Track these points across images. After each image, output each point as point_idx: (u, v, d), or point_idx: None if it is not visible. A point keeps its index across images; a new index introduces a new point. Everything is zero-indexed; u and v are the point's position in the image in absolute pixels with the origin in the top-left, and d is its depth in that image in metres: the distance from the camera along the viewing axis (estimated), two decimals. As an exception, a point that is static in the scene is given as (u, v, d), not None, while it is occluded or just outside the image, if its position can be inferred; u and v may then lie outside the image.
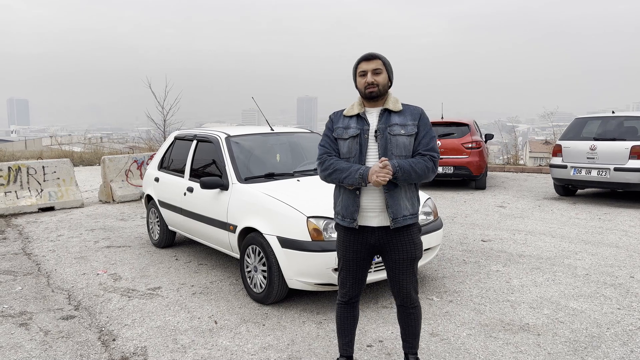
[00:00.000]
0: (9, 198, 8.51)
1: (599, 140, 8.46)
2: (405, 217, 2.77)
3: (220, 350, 3.45)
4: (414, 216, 2.82)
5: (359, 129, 2.82)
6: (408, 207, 2.79)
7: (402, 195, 2.77)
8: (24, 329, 3.84)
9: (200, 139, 5.51)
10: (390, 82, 2.86)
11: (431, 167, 2.76)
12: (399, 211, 2.76)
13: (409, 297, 2.88)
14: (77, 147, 27.26)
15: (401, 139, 2.76)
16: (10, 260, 5.72)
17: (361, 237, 2.84)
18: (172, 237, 6.12)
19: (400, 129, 2.77)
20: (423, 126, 2.81)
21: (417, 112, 2.84)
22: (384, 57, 2.83)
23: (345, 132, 2.84)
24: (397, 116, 2.81)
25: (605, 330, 3.66)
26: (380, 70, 2.78)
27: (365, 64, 2.80)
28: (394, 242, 2.80)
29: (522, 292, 4.44)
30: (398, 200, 2.76)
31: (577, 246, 5.91)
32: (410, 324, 2.94)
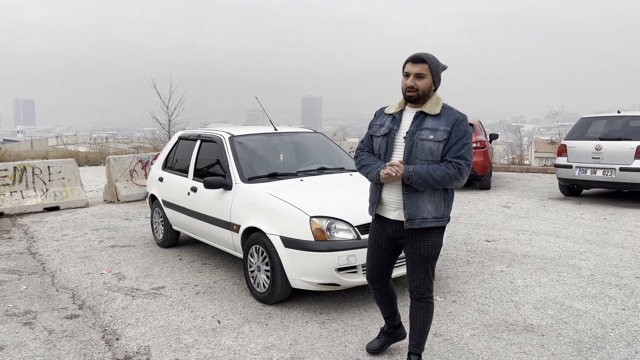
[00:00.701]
0: (15, 198, 8.56)
1: (605, 140, 8.41)
2: (425, 220, 2.81)
3: (223, 349, 3.46)
4: (437, 220, 2.84)
5: (389, 128, 2.93)
6: (430, 210, 2.81)
7: (424, 198, 2.81)
8: (29, 328, 3.85)
9: (204, 139, 5.52)
10: (435, 86, 2.86)
11: (454, 173, 2.73)
12: (417, 213, 2.81)
13: (418, 290, 2.94)
14: (82, 147, 27.38)
15: (428, 143, 2.76)
16: (15, 260, 5.75)
17: (381, 226, 3.01)
18: (176, 236, 6.13)
19: (429, 133, 2.77)
20: (455, 133, 2.77)
21: (452, 118, 2.79)
22: (432, 61, 2.80)
23: (379, 130, 2.99)
24: (432, 120, 2.81)
25: (609, 331, 3.64)
26: (424, 75, 2.78)
27: (410, 66, 2.81)
28: (410, 237, 2.89)
29: (526, 292, 4.43)
30: (417, 202, 2.81)
31: (582, 246, 5.88)
32: (418, 319, 2.97)
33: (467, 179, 2.83)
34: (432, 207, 2.82)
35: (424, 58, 2.78)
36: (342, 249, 3.84)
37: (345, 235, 3.92)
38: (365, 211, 4.07)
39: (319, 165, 5.19)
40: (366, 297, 4.34)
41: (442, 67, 2.89)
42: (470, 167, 2.79)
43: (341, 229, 3.93)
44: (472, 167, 9.99)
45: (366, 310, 4.08)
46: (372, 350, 3.32)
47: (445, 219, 2.88)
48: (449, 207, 2.90)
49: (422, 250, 2.86)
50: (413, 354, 3.02)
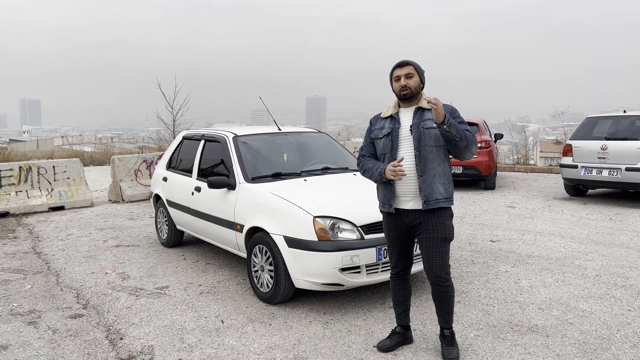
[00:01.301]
0: (20, 197, 8.60)
1: (610, 139, 8.36)
2: (438, 200, 3.12)
3: (226, 349, 3.45)
4: (447, 200, 3.15)
5: (391, 128, 3.24)
6: (441, 191, 3.13)
7: (436, 181, 3.12)
8: (33, 327, 3.87)
9: (208, 138, 5.52)
10: (422, 84, 3.22)
11: (472, 138, 3.10)
12: (432, 195, 3.11)
13: (438, 275, 3.17)
14: (87, 147, 27.49)
15: (433, 131, 3.11)
16: (21, 259, 5.77)
17: (399, 218, 3.25)
18: (180, 236, 6.14)
19: (432, 122, 3.10)
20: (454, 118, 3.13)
21: (447, 108, 3.15)
22: (415, 63, 3.21)
23: (380, 132, 3.29)
24: (430, 113, 3.14)
25: (615, 332, 3.61)
26: (412, 74, 3.17)
27: (398, 70, 3.20)
28: (426, 222, 3.15)
29: (531, 293, 4.40)
30: (431, 184, 3.11)
31: (587, 247, 5.85)
32: (442, 301, 3.24)
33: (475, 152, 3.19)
34: (442, 188, 3.13)
35: (409, 61, 3.22)
36: (346, 249, 3.83)
37: (348, 235, 3.92)
38: (369, 211, 4.06)
39: (322, 165, 5.18)
40: (370, 298, 4.33)
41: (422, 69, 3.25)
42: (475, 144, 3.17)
43: (345, 229, 3.93)
44: (476, 167, 9.99)
45: (370, 310, 4.07)
46: (384, 348, 3.39)
47: (451, 200, 3.19)
48: (453, 188, 3.23)
49: (439, 232, 3.14)
50: (444, 327, 3.31)
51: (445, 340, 3.30)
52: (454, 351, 3.25)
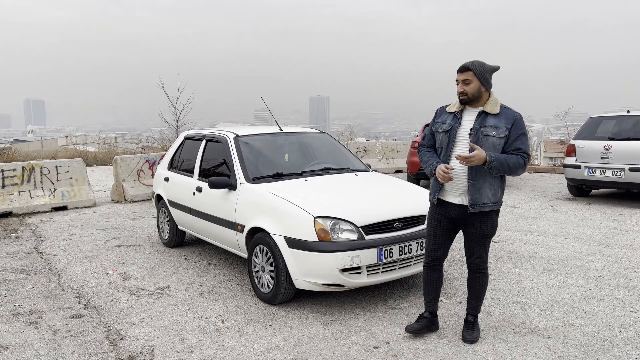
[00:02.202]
0: (23, 197, 8.62)
1: (614, 139, 8.32)
2: (484, 205, 3.28)
3: (226, 350, 3.45)
4: (494, 204, 3.31)
5: (451, 125, 3.35)
6: (490, 196, 3.29)
7: (486, 187, 3.26)
8: (34, 328, 3.87)
9: (209, 139, 5.52)
10: (485, 88, 3.26)
11: (522, 163, 3.21)
12: (479, 199, 3.26)
13: (475, 263, 3.43)
14: (91, 147, 27.56)
15: (491, 139, 3.21)
16: (23, 259, 5.79)
17: (443, 210, 3.43)
18: (182, 236, 6.15)
19: (492, 130, 3.22)
20: (515, 130, 3.23)
21: (511, 116, 3.25)
22: (476, 68, 3.23)
23: (441, 127, 3.40)
24: (493, 118, 3.24)
25: (617, 333, 3.59)
26: (470, 80, 3.23)
27: (458, 75, 3.29)
28: (472, 219, 3.33)
29: (533, 294, 4.38)
30: (480, 190, 3.26)
31: (590, 247, 5.82)
32: (475, 287, 3.48)
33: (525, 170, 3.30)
34: (491, 193, 3.29)
35: (468, 66, 3.24)
36: (347, 249, 3.82)
37: (349, 236, 3.90)
38: (370, 212, 4.06)
39: (324, 165, 5.17)
40: (370, 298, 4.32)
41: (490, 69, 3.27)
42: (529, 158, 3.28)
43: (345, 229, 3.91)
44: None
45: (370, 311, 4.06)
46: (412, 330, 3.56)
47: (500, 203, 3.34)
48: (503, 192, 3.38)
49: (482, 230, 3.33)
50: (471, 314, 3.53)
51: (467, 325, 3.52)
52: (473, 334, 3.47)
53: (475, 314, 3.54)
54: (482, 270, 3.46)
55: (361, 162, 5.53)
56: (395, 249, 3.98)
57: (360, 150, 14.62)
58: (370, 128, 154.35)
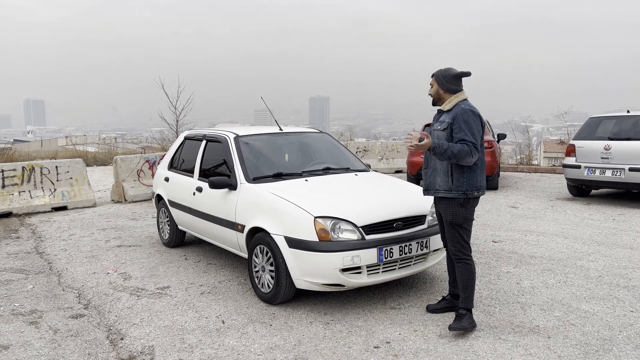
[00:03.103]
0: (23, 197, 8.62)
1: (614, 140, 8.33)
2: (437, 191, 3.63)
3: (227, 350, 3.45)
4: (447, 192, 3.57)
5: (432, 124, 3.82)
6: (440, 184, 3.60)
7: (436, 174, 3.63)
8: (34, 328, 3.87)
9: (209, 139, 5.52)
10: (443, 90, 3.66)
11: (466, 149, 3.42)
12: (431, 185, 3.68)
13: (451, 251, 3.68)
14: (91, 147, 27.56)
15: (437, 132, 3.65)
16: (23, 259, 5.79)
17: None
18: (182, 236, 6.15)
19: (438, 125, 3.67)
20: (456, 124, 3.53)
21: (455, 112, 3.58)
22: (436, 74, 3.70)
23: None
24: (445, 114, 3.66)
25: (617, 333, 3.59)
26: (432, 84, 3.73)
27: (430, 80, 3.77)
28: (438, 206, 3.72)
29: (532, 293, 4.39)
30: (430, 177, 3.68)
31: (590, 247, 5.82)
32: (459, 277, 3.66)
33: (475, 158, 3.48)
34: (442, 181, 3.58)
35: (433, 73, 3.73)
36: (347, 249, 3.82)
37: (349, 236, 3.91)
38: (370, 211, 4.06)
39: (324, 165, 5.17)
40: (371, 298, 4.33)
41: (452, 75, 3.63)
42: (476, 147, 3.47)
43: (345, 229, 3.92)
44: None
45: (371, 311, 4.06)
46: (431, 309, 3.95)
47: (456, 192, 3.54)
48: (460, 182, 3.53)
49: (446, 216, 3.64)
50: (461, 307, 3.64)
51: (458, 316, 3.63)
52: (460, 322, 3.57)
53: (464, 307, 3.63)
54: (461, 260, 3.63)
55: (361, 162, 5.54)
56: (395, 248, 3.98)
57: (360, 151, 14.62)
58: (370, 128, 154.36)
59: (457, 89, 3.66)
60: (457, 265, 3.66)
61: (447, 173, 3.57)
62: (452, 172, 3.56)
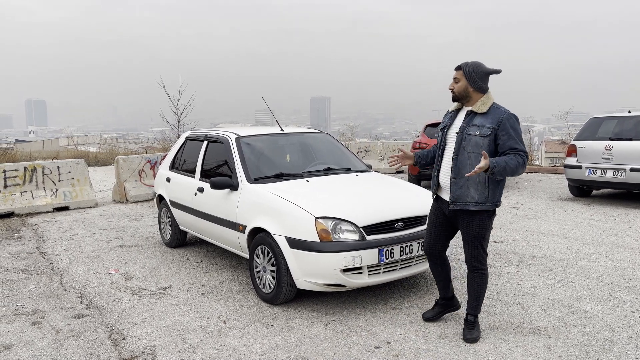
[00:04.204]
0: (25, 198, 8.64)
1: (615, 140, 8.33)
2: (467, 203, 3.30)
3: (228, 350, 3.46)
4: (480, 204, 3.30)
5: (445, 124, 3.51)
6: (474, 196, 3.29)
7: (468, 185, 3.29)
8: (36, 327, 3.89)
9: (210, 139, 5.53)
10: (473, 88, 3.31)
11: (521, 162, 3.19)
12: (461, 197, 3.31)
13: (469, 262, 3.46)
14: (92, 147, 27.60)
15: (474, 138, 3.28)
16: (25, 259, 5.80)
17: (438, 205, 3.58)
18: (184, 237, 6.16)
19: (476, 129, 3.28)
20: (502, 131, 3.23)
21: (498, 116, 3.26)
22: (466, 67, 3.32)
23: (441, 125, 3.55)
24: (480, 118, 3.30)
25: (618, 333, 3.60)
26: (458, 79, 3.35)
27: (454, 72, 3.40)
28: (461, 218, 3.40)
29: (533, 294, 4.39)
30: (462, 187, 3.31)
31: (591, 248, 5.82)
32: (473, 286, 3.49)
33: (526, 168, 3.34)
34: (475, 193, 3.28)
35: (461, 66, 3.35)
36: (348, 250, 3.83)
37: (350, 236, 3.92)
38: (371, 212, 4.07)
39: (325, 165, 5.19)
40: (371, 299, 4.33)
41: (483, 72, 3.30)
42: (528, 156, 3.27)
43: (347, 229, 3.93)
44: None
45: (372, 311, 4.07)
46: (427, 318, 3.80)
47: (490, 204, 3.31)
48: (495, 194, 3.32)
49: (469, 229, 3.37)
50: (470, 314, 3.54)
51: (467, 324, 3.54)
52: (473, 333, 3.49)
53: (474, 314, 3.55)
54: (479, 270, 3.46)
55: (362, 162, 5.55)
56: (396, 249, 3.99)
57: (361, 151, 14.63)
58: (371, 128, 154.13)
59: (486, 87, 3.36)
60: (472, 275, 3.48)
61: (484, 184, 3.28)
62: (489, 183, 3.28)
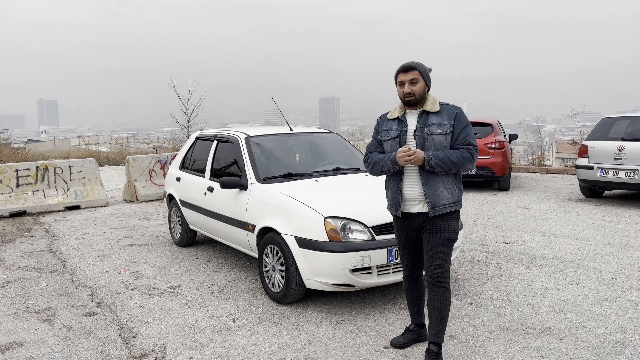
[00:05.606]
0: (37, 197, 8.73)
1: (628, 140, 8.24)
2: (444, 206, 3.06)
3: (237, 349, 3.47)
4: (453, 204, 3.09)
5: (399, 130, 3.17)
6: (447, 196, 3.07)
7: (440, 186, 3.06)
8: (48, 325, 3.93)
9: (220, 139, 5.56)
10: (428, 88, 3.12)
11: (467, 156, 3.01)
12: (438, 200, 3.05)
13: (436, 274, 3.07)
14: (103, 147, 27.81)
15: (437, 137, 3.06)
16: (37, 258, 5.86)
17: (407, 222, 3.21)
18: (193, 236, 6.19)
19: (436, 128, 3.06)
20: (458, 124, 3.07)
21: (453, 111, 3.10)
22: (420, 66, 3.10)
23: (388, 134, 3.21)
24: (435, 116, 3.10)
25: (630, 335, 3.56)
26: (417, 79, 3.07)
27: (402, 75, 3.10)
28: (431, 224, 3.10)
29: (544, 295, 4.36)
30: (436, 191, 3.05)
31: (602, 249, 5.77)
32: (435, 306, 3.08)
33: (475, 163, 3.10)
34: (448, 193, 3.07)
35: (414, 65, 3.09)
36: (357, 249, 3.83)
37: (359, 236, 3.91)
38: (380, 212, 4.05)
39: (334, 165, 5.19)
40: (380, 299, 4.33)
41: (428, 69, 3.14)
42: (478, 151, 3.09)
43: (356, 229, 3.92)
44: (490, 168, 9.91)
45: (381, 311, 4.06)
46: (397, 345, 3.44)
47: (459, 203, 3.13)
48: (461, 192, 3.16)
49: (443, 233, 3.07)
50: (433, 343, 3.11)
51: (430, 356, 3.08)
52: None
53: (438, 342, 3.10)
54: (443, 284, 3.07)
55: (372, 162, 5.53)
56: (405, 249, 3.98)
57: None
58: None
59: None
60: (434, 292, 3.08)
61: (453, 181, 3.12)
62: (456, 181, 3.14)
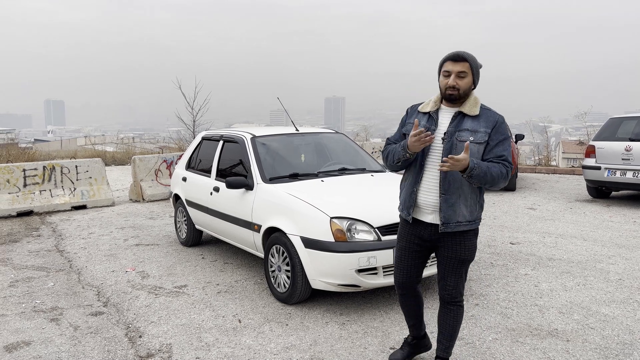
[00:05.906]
0: (44, 196, 8.77)
1: (635, 140, 8.19)
2: (459, 224, 2.75)
3: (243, 349, 3.48)
4: (470, 223, 2.78)
5: (426, 128, 2.78)
6: (465, 214, 2.75)
7: (461, 201, 2.74)
8: (55, 324, 3.94)
9: (226, 139, 5.56)
10: (474, 85, 2.76)
11: (504, 173, 2.66)
12: (452, 217, 2.74)
13: (450, 294, 2.87)
14: (109, 146, 27.92)
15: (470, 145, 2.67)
16: (44, 257, 5.89)
17: (415, 230, 2.89)
18: (199, 236, 6.20)
19: (469, 135, 2.69)
20: (496, 134, 2.71)
21: (493, 119, 2.73)
22: (472, 59, 2.70)
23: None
24: (471, 121, 2.72)
25: (638, 337, 3.54)
26: (465, 74, 2.68)
27: (450, 65, 2.70)
28: (446, 240, 2.81)
29: (551, 296, 4.34)
30: (453, 206, 2.73)
31: (610, 250, 5.73)
32: (448, 322, 2.92)
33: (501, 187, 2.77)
34: (467, 210, 2.76)
35: (465, 56, 2.68)
36: (363, 250, 3.82)
37: (365, 237, 3.91)
38: (386, 212, 4.05)
39: (340, 165, 5.18)
40: (387, 299, 4.32)
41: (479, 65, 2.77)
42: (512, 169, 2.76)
43: (362, 230, 3.92)
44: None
45: (387, 312, 4.05)
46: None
47: (478, 222, 2.84)
48: (482, 209, 2.86)
49: (459, 253, 2.81)
50: (440, 357, 2.99)
51: None
52: None
53: (446, 357, 2.98)
54: (458, 303, 2.90)
55: (377, 162, 5.53)
56: (411, 249, 3.96)
57: (376, 151, 14.57)
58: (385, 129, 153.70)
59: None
60: (448, 309, 2.91)
61: (477, 200, 2.79)
62: (479, 197, 2.81)
